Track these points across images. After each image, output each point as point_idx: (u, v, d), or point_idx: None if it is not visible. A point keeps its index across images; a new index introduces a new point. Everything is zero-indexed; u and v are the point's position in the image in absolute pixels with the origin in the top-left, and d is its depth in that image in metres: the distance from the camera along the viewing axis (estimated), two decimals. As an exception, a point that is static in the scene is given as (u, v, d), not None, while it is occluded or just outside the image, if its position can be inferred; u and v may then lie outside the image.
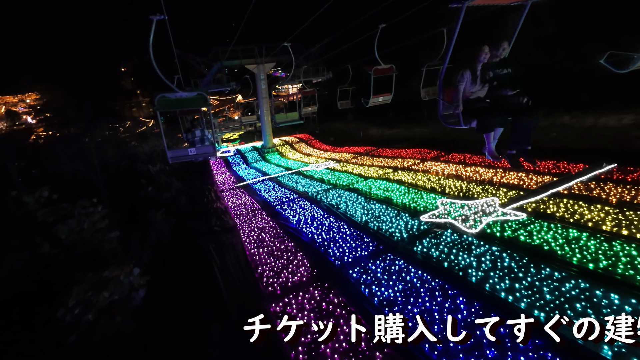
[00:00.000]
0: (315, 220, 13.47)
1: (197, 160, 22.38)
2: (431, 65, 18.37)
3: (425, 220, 11.50)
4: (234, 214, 16.46)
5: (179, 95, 8.96)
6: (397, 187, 15.38)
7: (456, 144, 20.93)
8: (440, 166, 17.32)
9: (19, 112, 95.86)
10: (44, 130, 53.90)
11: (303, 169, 23.66)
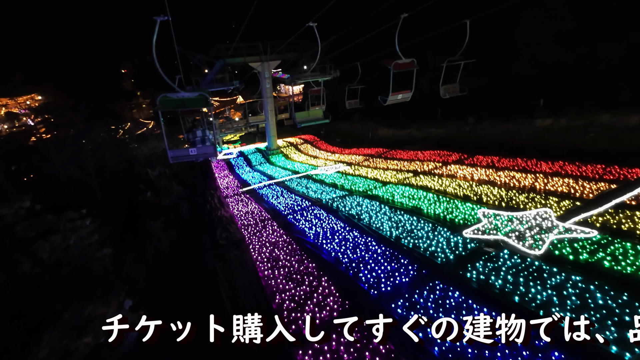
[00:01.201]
0: (336, 234, 11.50)
1: (197, 160, 20.40)
2: (452, 60, 16.48)
3: (469, 236, 9.57)
4: (240, 225, 14.47)
5: (181, 95, 8.68)
6: (425, 195, 13.44)
7: (477, 145, 19.03)
8: (467, 170, 15.41)
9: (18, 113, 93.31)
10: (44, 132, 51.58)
11: (312, 173, 21.69)
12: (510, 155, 16.01)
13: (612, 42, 20.41)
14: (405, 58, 15.37)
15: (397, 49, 14.79)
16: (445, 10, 23.85)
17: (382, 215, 12.26)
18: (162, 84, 9.07)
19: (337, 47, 25.18)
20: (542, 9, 25.14)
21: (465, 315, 6.43)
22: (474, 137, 20.55)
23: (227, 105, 62.50)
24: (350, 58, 24.76)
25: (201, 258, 11.51)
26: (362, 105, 26.80)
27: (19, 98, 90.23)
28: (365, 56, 22.53)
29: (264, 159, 29.87)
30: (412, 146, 22.42)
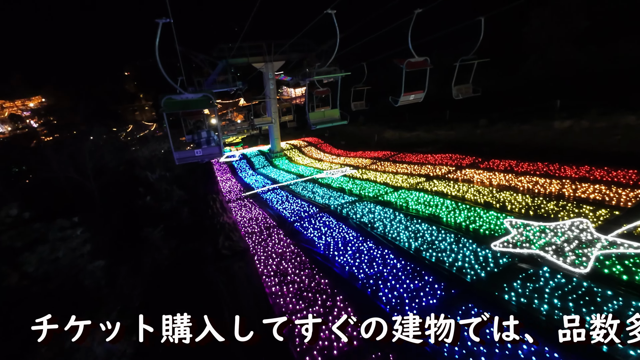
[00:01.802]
0: (349, 244, 10.46)
1: (203, 161, 19.54)
2: (465, 59, 15.45)
3: (499, 249, 8.52)
4: (244, 232, 13.45)
5: (185, 96, 8.59)
6: (442, 201, 12.41)
7: (491, 149, 17.99)
8: (484, 175, 14.37)
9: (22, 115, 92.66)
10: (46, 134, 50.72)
11: (317, 176, 20.69)
12: (529, 159, 14.97)
13: (630, 41, 19.43)
14: (418, 56, 14.42)
15: (410, 47, 13.79)
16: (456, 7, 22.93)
17: (398, 224, 11.22)
18: (164, 86, 8.87)
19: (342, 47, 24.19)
20: (551, 8, 24.19)
21: (514, 349, 5.41)
22: (486, 139, 19.52)
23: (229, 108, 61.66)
24: (356, 58, 23.80)
25: (203, 271, 10.48)
26: (367, 107, 25.76)
27: (22, 100, 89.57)
28: (372, 56, 21.56)
29: (267, 161, 28.89)
30: (422, 149, 21.40)
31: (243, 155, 31.71)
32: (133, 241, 12.93)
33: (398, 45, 16.37)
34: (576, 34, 23.39)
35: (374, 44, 19.13)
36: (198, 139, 11.38)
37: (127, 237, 13.58)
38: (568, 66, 23.44)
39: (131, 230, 14.33)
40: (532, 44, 25.48)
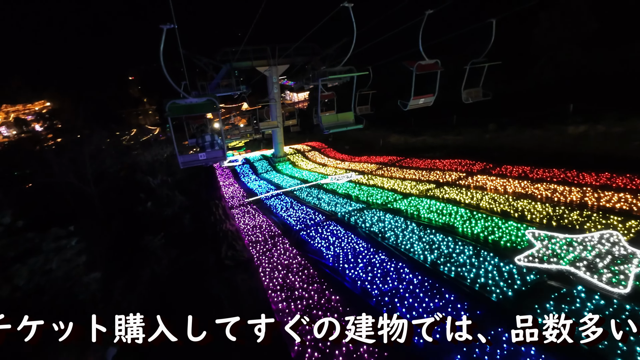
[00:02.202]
0: (359, 256, 9.77)
1: (207, 164, 19.42)
2: (475, 62, 14.84)
3: (524, 264, 7.82)
4: (247, 241, 12.78)
5: (189, 101, 8.55)
6: (455, 210, 11.72)
7: (502, 154, 17.31)
8: (498, 182, 13.68)
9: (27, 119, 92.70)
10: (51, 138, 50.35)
11: (322, 182, 20.03)
12: (544, 165, 14.29)
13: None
14: (428, 59, 13.84)
15: (420, 49, 13.20)
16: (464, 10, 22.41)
17: (410, 234, 10.52)
18: (168, 90, 8.85)
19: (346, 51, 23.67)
20: (561, 11, 23.61)
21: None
22: (496, 144, 18.84)
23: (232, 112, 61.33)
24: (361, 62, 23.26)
25: (204, 283, 9.81)
26: (373, 112, 25.18)
27: (27, 104, 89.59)
28: (377, 60, 20.99)
29: (270, 166, 28.30)
30: (429, 154, 20.73)
31: (246, 160, 31.14)
32: (132, 250, 12.28)
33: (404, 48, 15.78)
34: (586, 36, 22.76)
35: (379, 47, 18.60)
36: (202, 142, 11.11)
37: (126, 246, 12.93)
38: (578, 69, 22.80)
39: (130, 238, 13.70)
40: (541, 47, 24.85)
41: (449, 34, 15.33)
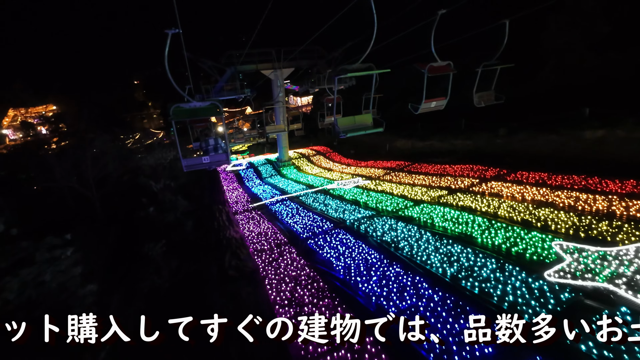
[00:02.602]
0: (372, 268, 9.08)
1: (210, 168, 19.24)
2: (487, 65, 14.21)
3: (555, 280, 7.11)
4: (252, 250, 12.13)
5: (193, 105, 8.62)
6: (472, 218, 11.01)
7: (515, 160, 16.59)
8: (514, 188, 12.97)
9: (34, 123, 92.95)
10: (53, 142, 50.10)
11: (328, 187, 19.38)
12: (561, 171, 13.58)
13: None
14: (440, 60, 13.23)
15: (432, 50, 12.59)
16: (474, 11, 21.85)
17: (425, 244, 9.83)
18: (172, 94, 9.02)
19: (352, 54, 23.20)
20: (571, 13, 22.98)
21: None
22: (508, 149, 18.12)
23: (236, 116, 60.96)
24: (367, 65, 22.70)
25: (206, 297, 9.15)
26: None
27: (34, 108, 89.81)
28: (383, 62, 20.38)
29: (274, 170, 27.70)
30: (438, 159, 20.04)
31: (250, 164, 30.57)
32: (132, 258, 11.64)
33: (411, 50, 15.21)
34: (597, 39, 22.10)
35: (386, 50, 18.07)
36: (206, 146, 11.31)
37: (126, 254, 12.29)
38: (589, 73, 22.12)
39: (131, 246, 13.08)
40: (550, 50, 24.20)
41: (459, 35, 14.76)
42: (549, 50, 24.47)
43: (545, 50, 24.67)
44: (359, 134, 10.69)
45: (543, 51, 24.62)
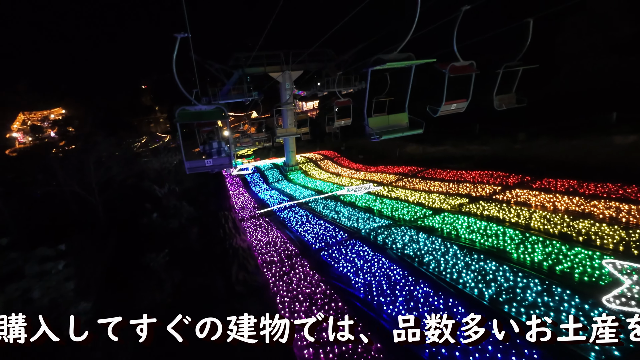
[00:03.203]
0: (397, 286, 8.03)
1: (213, 171, 19.28)
2: (509, 66, 13.24)
3: (617, 307, 6.02)
4: (261, 261, 11.12)
5: (198, 108, 8.66)
6: (501, 230, 9.93)
7: (538, 166, 15.50)
8: (543, 197, 11.88)
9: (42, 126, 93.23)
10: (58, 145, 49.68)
11: (338, 193, 18.38)
12: (591, 178, 12.50)
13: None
14: (463, 60, 12.25)
15: (454, 49, 11.62)
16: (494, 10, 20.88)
17: (453, 259, 8.77)
18: (179, 99, 9.06)
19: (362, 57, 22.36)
20: (590, 16, 21.97)
21: None
22: (528, 155, 17.03)
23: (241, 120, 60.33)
24: (379, 68, 21.80)
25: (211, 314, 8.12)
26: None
27: (41, 112, 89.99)
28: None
29: (281, 175, 26.75)
30: (454, 165, 18.97)
31: (256, 168, 29.66)
32: (131, 271, 10.66)
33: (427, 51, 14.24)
34: (618, 43, 21.05)
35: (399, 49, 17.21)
36: (209, 149, 11.16)
37: (125, 265, 11.32)
38: (608, 77, 21.01)
39: (131, 255, 12.11)
40: (566, 54, 23.17)
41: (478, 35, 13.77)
42: (565, 54, 23.44)
43: (562, 54, 23.64)
44: (395, 136, 9.57)
45: (559, 55, 23.59)
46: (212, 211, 18.91)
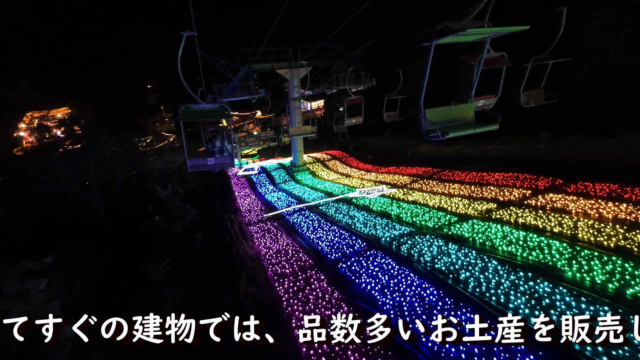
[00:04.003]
0: (435, 311, 6.75)
1: (215, 170, 19.07)
2: (539, 59, 11.87)
3: None
4: (271, 273, 9.88)
5: (202, 106, 8.48)
6: (544, 241, 8.61)
7: (567, 168, 14.14)
8: (584, 203, 10.53)
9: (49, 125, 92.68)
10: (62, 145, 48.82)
11: (350, 196, 17.11)
12: (633, 182, 11.12)
13: None
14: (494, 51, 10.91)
15: (486, 38, 10.27)
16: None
17: (495, 277, 7.47)
18: (184, 98, 8.91)
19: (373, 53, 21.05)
20: (617, 9, 20.46)
21: None
22: (555, 156, 15.65)
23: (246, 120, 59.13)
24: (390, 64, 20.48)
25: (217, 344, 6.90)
26: (402, 118, 22.23)
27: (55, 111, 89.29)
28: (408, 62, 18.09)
29: (288, 176, 25.52)
30: (472, 166, 17.63)
31: (262, 169, 28.43)
32: (128, 285, 9.47)
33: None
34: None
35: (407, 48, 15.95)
36: (212, 147, 10.92)
37: (123, 278, 10.12)
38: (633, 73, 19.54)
39: (130, 264, 10.93)
40: (590, 49, 21.68)
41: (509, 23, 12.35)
42: (588, 49, 21.94)
43: (584, 49, 22.14)
44: (464, 133, 7.85)
45: (582, 49, 22.09)
46: (218, 214, 17.72)
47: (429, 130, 6.62)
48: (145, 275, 10.03)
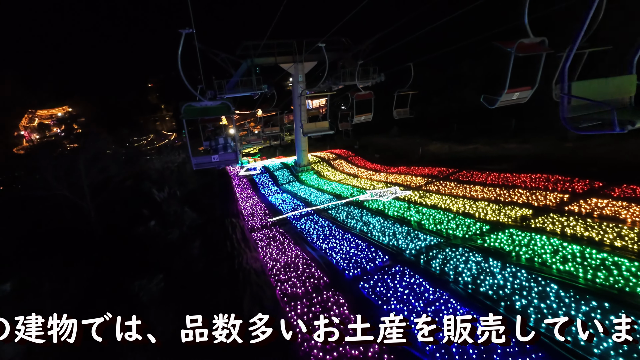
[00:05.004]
0: (494, 354, 5.23)
1: (219, 167, 18.71)
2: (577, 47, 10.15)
3: None
4: (279, 292, 8.35)
5: (204, 104, 8.42)
6: (607, 258, 7.08)
7: (601, 169, 12.62)
8: (638, 210, 9.00)
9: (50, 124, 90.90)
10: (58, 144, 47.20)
11: (361, 198, 15.57)
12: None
13: None
14: (533, 36, 9.32)
15: (524, 20, 8.67)
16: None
17: (558, 305, 5.94)
18: (185, 97, 8.90)
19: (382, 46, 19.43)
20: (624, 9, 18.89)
21: None
22: (585, 156, 14.14)
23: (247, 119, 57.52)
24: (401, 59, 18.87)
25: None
26: (412, 115, 20.62)
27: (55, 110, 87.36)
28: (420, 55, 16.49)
29: (292, 176, 23.94)
30: (492, 166, 16.08)
31: (265, 169, 26.85)
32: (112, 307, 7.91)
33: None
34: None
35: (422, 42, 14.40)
36: (215, 145, 11.09)
37: (106, 299, 8.54)
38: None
39: (116, 282, 9.36)
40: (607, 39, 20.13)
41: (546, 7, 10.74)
42: (606, 39, 20.43)
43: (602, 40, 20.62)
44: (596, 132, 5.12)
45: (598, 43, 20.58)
46: (218, 217, 16.14)
47: (575, 118, 4.55)
48: (133, 293, 8.47)
